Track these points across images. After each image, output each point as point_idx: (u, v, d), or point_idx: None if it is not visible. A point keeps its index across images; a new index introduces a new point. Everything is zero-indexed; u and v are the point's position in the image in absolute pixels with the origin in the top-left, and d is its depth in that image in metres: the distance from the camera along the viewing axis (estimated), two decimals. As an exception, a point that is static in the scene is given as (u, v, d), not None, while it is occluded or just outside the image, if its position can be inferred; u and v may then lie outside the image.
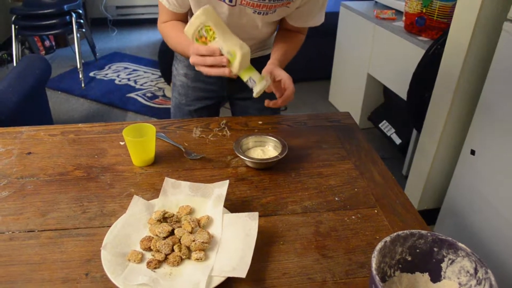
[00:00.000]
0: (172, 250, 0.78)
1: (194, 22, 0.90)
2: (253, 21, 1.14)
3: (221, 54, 0.92)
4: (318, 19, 1.20)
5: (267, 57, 1.21)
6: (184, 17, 1.21)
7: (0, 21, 4.08)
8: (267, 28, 1.23)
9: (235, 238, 0.80)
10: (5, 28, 4.02)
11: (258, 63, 1.29)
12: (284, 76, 1.07)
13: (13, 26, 3.53)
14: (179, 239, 0.79)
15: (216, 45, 0.91)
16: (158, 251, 0.77)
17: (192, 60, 0.96)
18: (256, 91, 0.97)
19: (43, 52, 4.34)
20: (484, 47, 1.70)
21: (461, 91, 1.81)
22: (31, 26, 3.64)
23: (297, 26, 1.22)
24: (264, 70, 1.08)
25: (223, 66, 0.93)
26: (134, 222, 0.83)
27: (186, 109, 1.43)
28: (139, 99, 3.47)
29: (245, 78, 0.96)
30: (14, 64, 3.66)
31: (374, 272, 0.62)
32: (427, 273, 0.71)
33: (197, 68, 0.98)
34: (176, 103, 1.46)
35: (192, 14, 1.17)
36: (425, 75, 2.02)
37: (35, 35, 4.12)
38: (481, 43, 1.69)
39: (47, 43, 4.36)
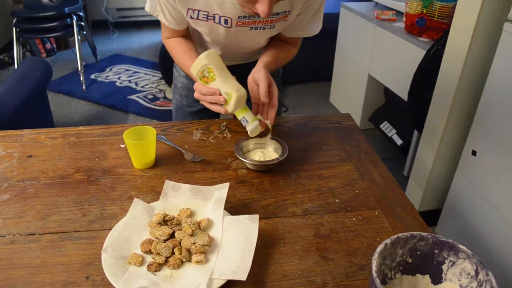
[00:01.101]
0: (173, 253, 0.78)
1: (198, 63, 1.01)
2: (251, 36, 1.14)
3: (220, 94, 1.01)
4: (311, 30, 1.19)
5: None
6: (186, 32, 1.21)
7: (1, 24, 4.09)
8: (266, 40, 1.22)
9: (236, 241, 0.80)
10: (6, 31, 4.03)
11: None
12: (260, 79, 1.04)
13: (14, 29, 3.54)
14: (180, 242, 0.79)
15: (216, 86, 1.01)
16: (158, 254, 0.77)
17: (195, 95, 1.06)
18: (249, 130, 1.04)
19: (44, 54, 4.35)
20: (484, 47, 1.70)
21: (462, 91, 1.81)
22: (32, 28, 3.65)
23: (289, 37, 1.21)
24: (261, 80, 1.05)
25: (221, 105, 1.02)
26: (135, 225, 0.83)
27: (187, 111, 1.44)
28: (140, 101, 3.48)
29: (239, 117, 1.04)
30: (15, 66, 3.68)
31: (375, 274, 0.61)
32: (427, 275, 0.71)
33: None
34: (177, 105, 1.46)
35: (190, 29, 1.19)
36: (426, 75, 2.01)
37: (36, 38, 4.13)
38: (481, 44, 1.69)
39: (48, 45, 4.37)
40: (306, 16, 1.12)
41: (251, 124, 1.03)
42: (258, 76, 1.05)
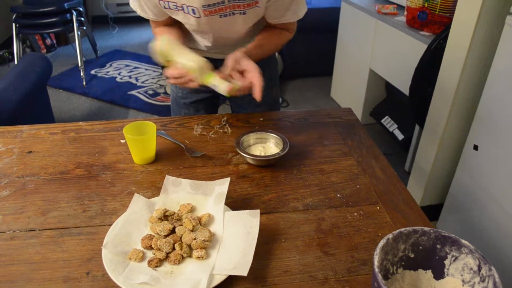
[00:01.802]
0: (173, 249, 0.77)
1: (155, 50, 1.06)
2: (225, 24, 1.12)
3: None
4: (294, 14, 1.15)
5: None
6: (170, 21, 1.21)
7: (0, 20, 4.08)
8: (246, 28, 1.18)
9: (236, 236, 0.79)
10: (6, 26, 4.02)
11: None
12: (248, 67, 1.03)
13: (14, 24, 3.53)
14: (180, 237, 0.79)
15: (178, 65, 1.04)
16: (159, 249, 0.77)
17: (172, 82, 1.07)
18: (220, 91, 1.04)
19: (44, 50, 4.34)
20: (486, 41, 1.69)
21: (463, 86, 1.80)
22: (32, 24, 3.64)
23: (274, 23, 1.19)
24: (229, 58, 1.05)
25: (191, 81, 1.03)
26: (135, 220, 0.83)
27: (182, 102, 1.44)
28: (141, 96, 3.47)
29: (209, 84, 1.05)
30: (15, 62, 3.67)
31: (377, 269, 0.61)
32: (430, 270, 0.70)
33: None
34: (173, 97, 1.47)
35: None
36: (428, 70, 2.00)
37: (36, 34, 4.12)
38: (483, 37, 1.68)
39: (48, 41, 4.35)
40: (284, 1, 1.10)
41: (221, 85, 1.03)
42: (245, 62, 1.04)
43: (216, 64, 1.37)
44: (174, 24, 1.23)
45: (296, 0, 1.12)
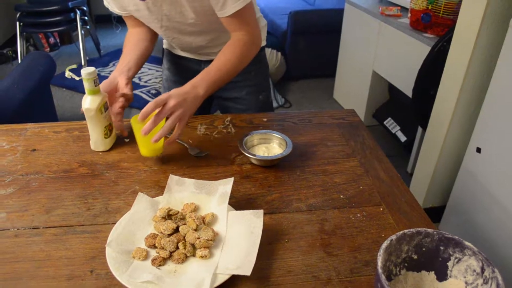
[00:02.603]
0: (177, 248, 0.77)
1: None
2: (173, 7, 1.11)
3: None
4: (232, 4, 1.06)
5: None
6: (139, 23, 1.25)
7: (4, 18, 4.09)
8: (196, 14, 1.13)
9: (240, 236, 0.79)
10: (10, 25, 4.03)
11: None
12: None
13: (17, 23, 3.55)
14: (184, 237, 0.79)
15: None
16: (162, 248, 0.77)
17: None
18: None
19: (48, 49, 4.35)
20: (490, 43, 1.68)
21: (467, 88, 1.80)
22: (36, 23, 3.65)
23: (225, 18, 1.11)
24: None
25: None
26: (139, 219, 0.83)
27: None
28: (144, 96, 3.47)
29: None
30: (19, 61, 3.68)
31: (380, 270, 0.61)
32: (433, 272, 0.70)
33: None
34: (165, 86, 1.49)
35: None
36: (431, 72, 2.00)
37: (40, 32, 4.13)
38: (487, 40, 1.68)
39: (51, 40, 4.37)
40: None
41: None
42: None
43: (189, 63, 1.38)
44: (142, 27, 1.26)
45: None
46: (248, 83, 1.41)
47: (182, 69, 1.44)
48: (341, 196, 0.95)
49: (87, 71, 0.99)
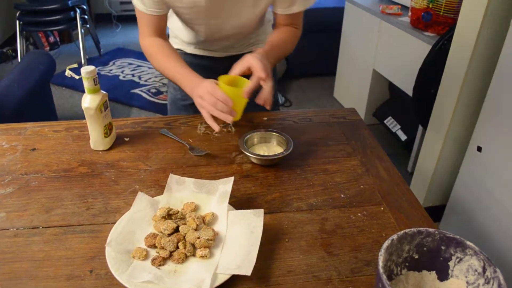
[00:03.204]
0: (177, 247, 0.77)
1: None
2: (233, 7, 1.12)
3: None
4: (302, 2, 1.15)
5: None
6: (165, 22, 1.19)
7: (4, 17, 4.09)
8: (250, 16, 1.19)
9: (240, 235, 0.79)
10: (9, 24, 4.02)
11: None
12: (255, 69, 1.00)
13: (17, 22, 3.54)
14: (184, 236, 0.79)
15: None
16: (162, 248, 0.77)
17: (203, 98, 1.00)
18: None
19: (48, 48, 4.34)
20: (491, 42, 1.68)
21: (467, 87, 1.79)
22: (36, 21, 3.65)
23: (284, 16, 1.18)
24: (241, 59, 1.03)
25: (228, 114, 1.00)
26: (139, 219, 0.83)
27: (181, 104, 1.42)
28: (144, 95, 3.47)
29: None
30: (19, 60, 3.67)
31: (381, 270, 0.61)
32: (434, 272, 0.70)
33: (198, 107, 1.03)
34: (172, 99, 1.45)
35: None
36: (431, 71, 2.00)
37: (40, 31, 4.13)
38: (488, 38, 1.67)
39: (51, 39, 4.36)
40: None
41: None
42: (253, 61, 1.00)
43: (204, 61, 1.37)
44: (166, 38, 1.21)
45: None
46: None
47: (195, 67, 1.42)
48: (342, 196, 0.95)
49: (86, 70, 0.99)
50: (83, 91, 1.03)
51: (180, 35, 1.35)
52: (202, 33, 1.24)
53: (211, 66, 1.38)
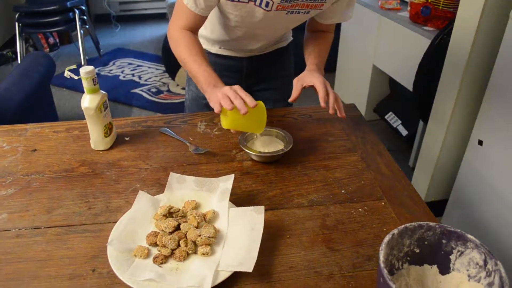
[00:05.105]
0: (178, 245, 0.77)
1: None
2: (285, 21, 1.14)
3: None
4: (347, 15, 1.20)
5: (284, 48, 1.40)
6: (203, 23, 1.16)
7: (3, 19, 4.09)
8: (293, 26, 1.25)
9: (241, 232, 0.79)
10: (9, 26, 4.03)
11: (276, 55, 1.38)
12: (315, 82, 1.07)
13: (16, 23, 3.54)
14: (185, 234, 0.79)
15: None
16: (164, 246, 0.77)
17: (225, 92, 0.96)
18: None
19: (47, 49, 4.34)
20: (491, 36, 1.67)
21: (468, 81, 1.79)
22: (35, 23, 3.65)
23: (325, 24, 1.23)
24: (296, 79, 1.11)
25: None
26: (140, 217, 0.83)
27: (203, 103, 1.41)
28: (144, 94, 3.47)
29: None
30: (19, 61, 3.68)
31: (382, 265, 0.61)
32: (435, 265, 0.70)
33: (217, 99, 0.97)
34: (193, 97, 1.44)
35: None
36: (431, 65, 1.99)
37: (39, 33, 4.13)
38: (488, 32, 1.67)
39: (51, 40, 4.36)
40: (342, 3, 1.14)
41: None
42: (309, 79, 1.09)
43: (228, 61, 1.37)
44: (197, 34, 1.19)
45: (351, 2, 1.16)
46: (284, 73, 1.48)
47: (220, 67, 1.41)
48: (343, 191, 0.95)
49: (85, 70, 0.99)
50: (84, 92, 1.03)
51: (205, 33, 1.33)
52: (239, 33, 1.23)
53: (235, 66, 1.39)
